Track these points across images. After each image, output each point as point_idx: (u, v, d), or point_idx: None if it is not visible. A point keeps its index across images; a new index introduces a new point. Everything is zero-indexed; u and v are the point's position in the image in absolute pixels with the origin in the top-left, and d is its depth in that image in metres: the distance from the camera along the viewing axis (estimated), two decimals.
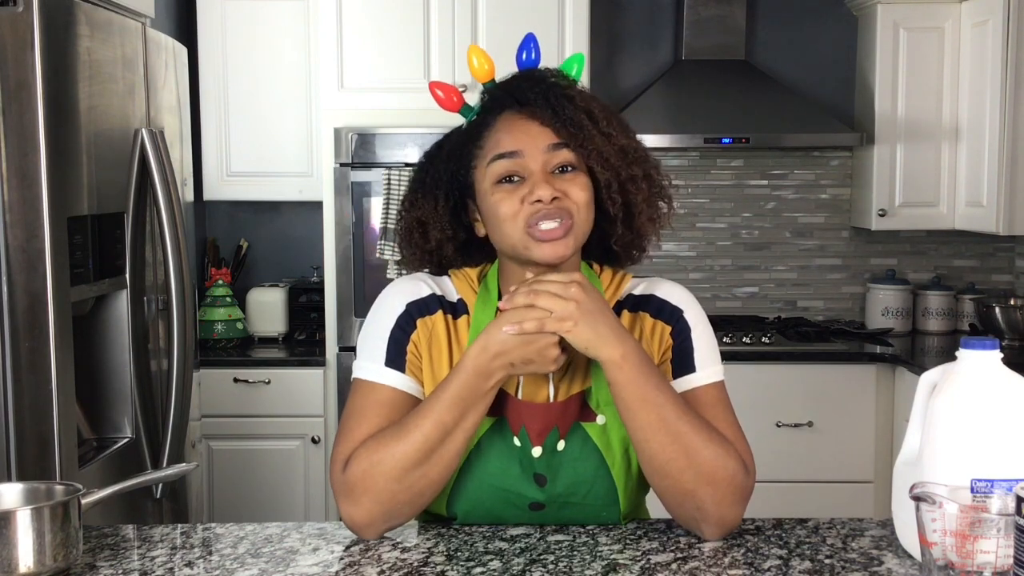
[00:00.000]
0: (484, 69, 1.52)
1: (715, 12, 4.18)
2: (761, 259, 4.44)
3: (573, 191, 1.42)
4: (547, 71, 1.50)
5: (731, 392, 1.52)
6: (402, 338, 1.49)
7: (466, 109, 1.53)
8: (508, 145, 1.44)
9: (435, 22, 3.79)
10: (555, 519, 1.50)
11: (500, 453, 1.47)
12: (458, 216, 1.52)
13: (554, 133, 1.43)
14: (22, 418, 2.13)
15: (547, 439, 1.47)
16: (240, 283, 4.30)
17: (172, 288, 2.60)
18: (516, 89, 1.47)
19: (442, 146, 1.54)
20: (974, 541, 1.15)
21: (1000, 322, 3.93)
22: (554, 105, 1.43)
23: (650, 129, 3.95)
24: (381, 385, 1.47)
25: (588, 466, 1.47)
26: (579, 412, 1.48)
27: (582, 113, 1.43)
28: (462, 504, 1.49)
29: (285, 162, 4.06)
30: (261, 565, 1.38)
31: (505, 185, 1.44)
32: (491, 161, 1.44)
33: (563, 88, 1.45)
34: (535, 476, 1.47)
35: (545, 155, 1.43)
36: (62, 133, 2.17)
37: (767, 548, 1.43)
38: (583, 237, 1.46)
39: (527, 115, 1.45)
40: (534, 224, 1.41)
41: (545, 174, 1.42)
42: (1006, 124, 3.69)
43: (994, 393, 1.27)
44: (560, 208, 1.41)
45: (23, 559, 1.29)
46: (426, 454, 1.39)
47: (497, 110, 1.48)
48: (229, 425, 3.81)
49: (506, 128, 1.45)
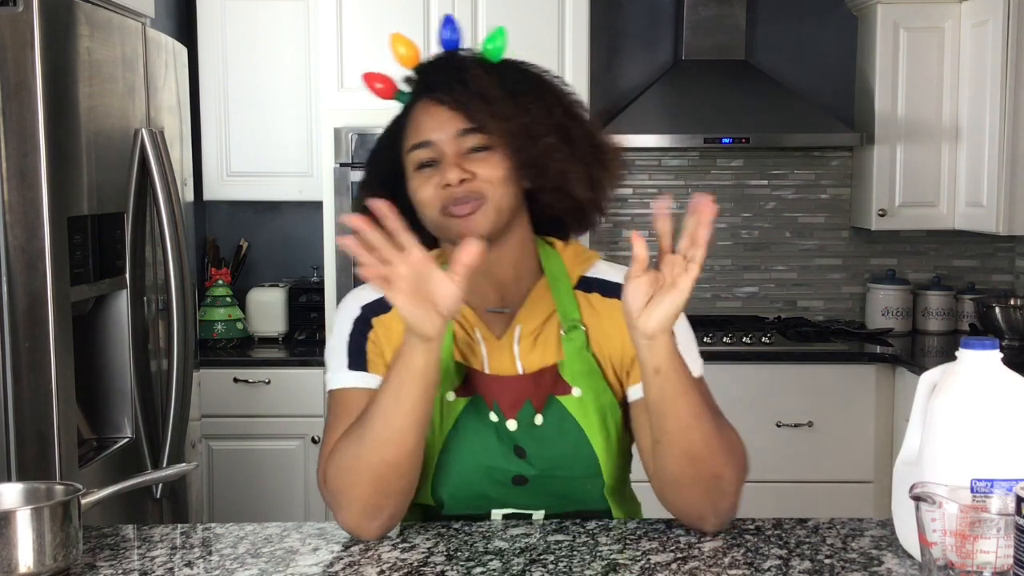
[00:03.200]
0: (408, 55, 1.53)
1: (715, 12, 4.18)
2: (761, 259, 4.44)
3: (484, 170, 1.45)
4: (460, 54, 1.52)
5: (731, 392, 1.53)
6: (360, 340, 1.50)
7: (400, 95, 1.55)
8: (421, 134, 1.47)
9: (435, 23, 3.79)
10: (540, 494, 1.50)
11: (478, 430, 1.48)
12: (399, 202, 1.51)
13: (463, 118, 1.45)
14: (22, 418, 2.13)
15: (522, 413, 1.48)
16: (240, 283, 4.30)
17: (172, 288, 2.59)
18: (427, 76, 1.51)
19: (384, 135, 1.57)
20: (974, 541, 1.15)
21: (1000, 322, 3.93)
22: (454, 91, 1.46)
23: (650, 129, 3.95)
24: (348, 390, 1.49)
25: (568, 439, 1.48)
26: (552, 385, 1.49)
27: (476, 98, 1.44)
28: (447, 487, 1.49)
29: (285, 162, 4.06)
30: (261, 565, 1.38)
31: (424, 171, 1.47)
32: (409, 150, 1.48)
33: (462, 72, 1.47)
34: (515, 448, 1.48)
35: (457, 140, 1.45)
36: (62, 133, 2.17)
37: (767, 548, 1.43)
38: (504, 212, 1.47)
39: (437, 102, 1.47)
40: (448, 207, 1.45)
41: (457, 157, 1.45)
42: (1006, 124, 3.69)
43: (994, 393, 1.27)
44: (470, 189, 1.44)
45: (23, 559, 1.29)
46: (380, 443, 1.38)
47: (415, 98, 1.51)
48: (229, 425, 3.80)
49: (420, 117, 1.48)
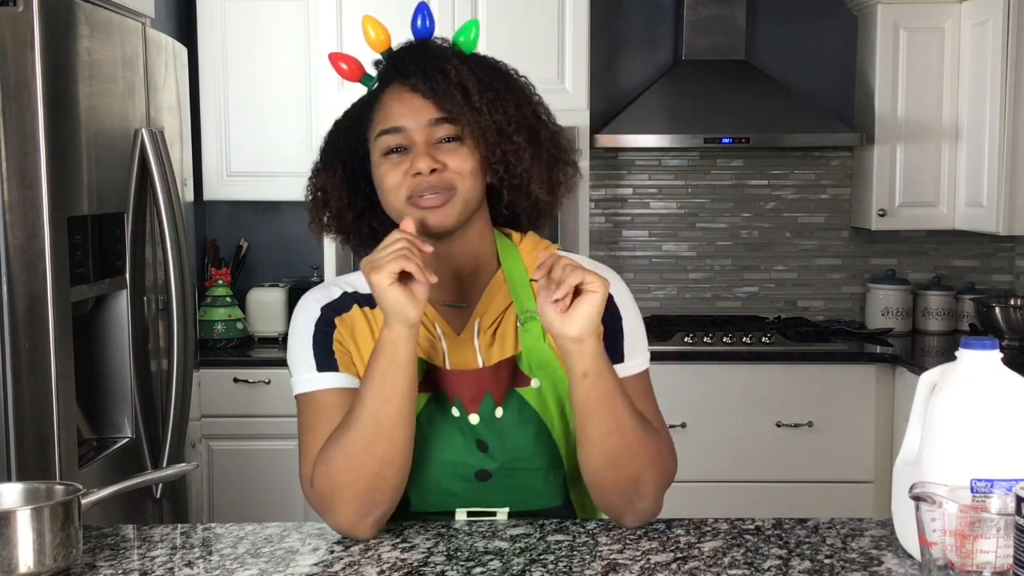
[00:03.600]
0: (379, 39, 1.53)
1: (715, 12, 4.18)
2: (761, 259, 4.44)
3: (454, 162, 1.44)
4: (435, 42, 1.52)
5: (731, 392, 1.53)
6: (326, 340, 1.49)
7: (366, 78, 1.54)
8: (392, 120, 1.46)
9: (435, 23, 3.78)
10: (503, 489, 1.50)
11: (440, 426, 1.48)
12: (357, 185, 1.54)
13: (436, 107, 1.45)
14: (22, 418, 2.13)
15: (482, 406, 1.48)
16: (240, 283, 4.29)
17: (172, 288, 2.59)
18: (401, 63, 1.50)
19: (341, 121, 1.56)
20: (974, 541, 1.15)
21: (1000, 322, 3.93)
22: (431, 80, 1.45)
23: (650, 129, 3.95)
24: (321, 391, 1.48)
25: (528, 430, 1.48)
26: (511, 378, 1.49)
27: (455, 89, 1.44)
28: (413, 484, 1.48)
29: (285, 162, 4.05)
30: (261, 565, 1.38)
31: (392, 157, 1.46)
32: (378, 135, 1.47)
33: (441, 62, 1.47)
34: (477, 443, 1.47)
35: (428, 129, 1.45)
36: (62, 133, 2.17)
37: (767, 548, 1.43)
38: (471, 204, 1.47)
39: (410, 88, 1.46)
40: (416, 196, 1.44)
41: (428, 146, 1.44)
42: (1006, 124, 3.69)
43: (994, 393, 1.27)
44: (440, 179, 1.44)
45: (23, 559, 1.29)
46: (370, 439, 1.39)
47: (385, 83, 1.50)
48: (229, 425, 3.80)
49: (391, 102, 1.47)
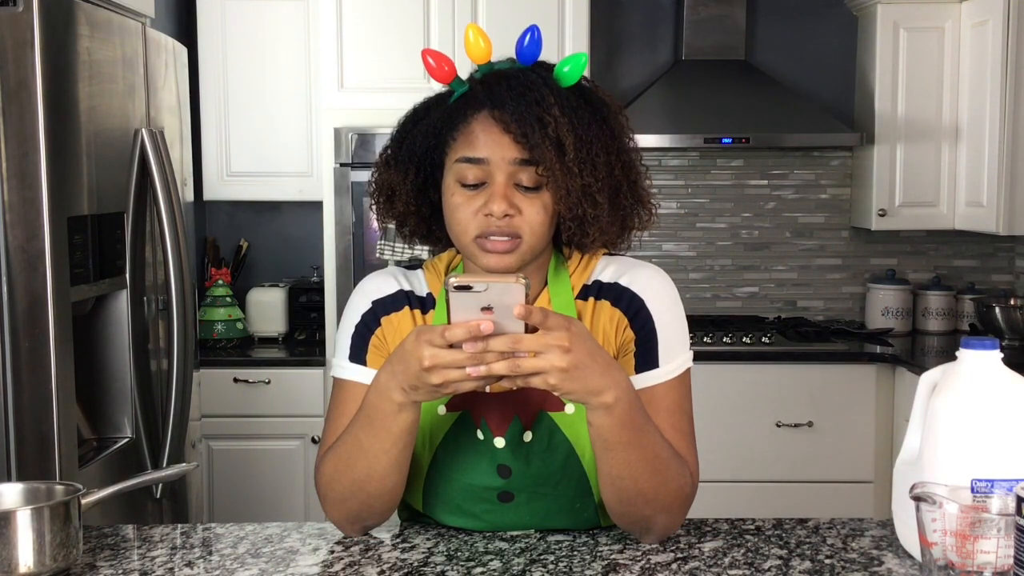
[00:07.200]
0: (480, 48, 1.45)
1: (715, 12, 4.18)
2: (761, 259, 4.44)
3: (529, 211, 1.40)
4: (536, 79, 1.41)
5: (731, 392, 1.52)
6: (366, 333, 1.50)
7: (457, 82, 1.46)
8: (476, 150, 1.40)
9: (435, 23, 3.79)
10: (528, 511, 1.47)
11: (466, 448, 1.46)
12: (426, 191, 1.49)
13: (525, 150, 1.38)
14: (22, 418, 2.13)
15: (509, 430, 1.45)
16: (240, 283, 4.30)
17: (172, 288, 2.59)
18: (496, 92, 1.40)
19: (421, 118, 1.48)
20: (974, 541, 1.15)
21: (1000, 322, 3.93)
22: (526, 126, 1.37)
23: (650, 129, 3.95)
24: (348, 381, 1.49)
25: (558, 456, 1.45)
26: (543, 400, 1.44)
27: (551, 145, 1.37)
28: (437, 504, 1.49)
29: (285, 162, 4.06)
30: (261, 565, 1.38)
31: (466, 190, 1.41)
32: (458, 160, 1.41)
33: (540, 110, 1.37)
34: (499, 468, 1.45)
35: (510, 168, 1.39)
36: (62, 133, 2.17)
37: (767, 548, 1.43)
38: (534, 254, 1.43)
39: (503, 127, 1.39)
40: (484, 236, 1.40)
41: (506, 187, 1.39)
42: (1006, 124, 3.69)
43: (994, 393, 1.27)
44: (510, 224, 1.39)
45: (23, 559, 1.29)
46: (363, 479, 1.39)
47: (477, 106, 1.41)
48: (229, 425, 3.81)
49: (479, 131, 1.40)
